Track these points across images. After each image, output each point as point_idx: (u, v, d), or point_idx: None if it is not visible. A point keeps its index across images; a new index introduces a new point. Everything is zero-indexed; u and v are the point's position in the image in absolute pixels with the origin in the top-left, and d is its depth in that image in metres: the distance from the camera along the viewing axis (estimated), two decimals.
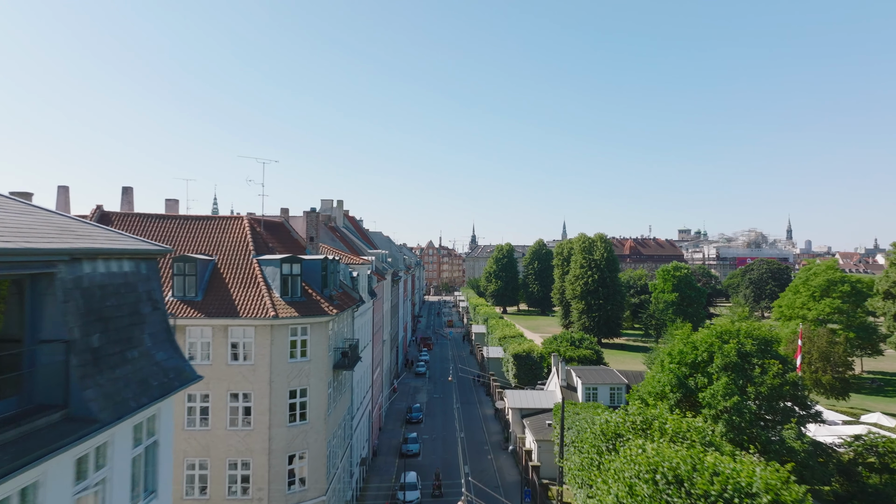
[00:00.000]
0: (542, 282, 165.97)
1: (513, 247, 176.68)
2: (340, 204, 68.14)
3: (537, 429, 45.32)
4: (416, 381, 78.99)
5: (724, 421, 35.16)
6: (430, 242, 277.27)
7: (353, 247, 57.54)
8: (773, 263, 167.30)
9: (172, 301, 26.56)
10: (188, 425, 26.33)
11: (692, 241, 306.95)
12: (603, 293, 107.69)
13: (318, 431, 27.80)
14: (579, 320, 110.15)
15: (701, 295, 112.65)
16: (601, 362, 71.91)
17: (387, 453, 50.68)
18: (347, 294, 34.80)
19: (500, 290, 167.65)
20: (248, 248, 29.58)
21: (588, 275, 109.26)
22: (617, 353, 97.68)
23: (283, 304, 27.03)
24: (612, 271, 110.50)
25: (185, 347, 26.30)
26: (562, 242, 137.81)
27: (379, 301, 53.75)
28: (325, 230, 48.26)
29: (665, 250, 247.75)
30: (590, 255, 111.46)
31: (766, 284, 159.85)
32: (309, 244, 35.47)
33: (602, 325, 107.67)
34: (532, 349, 66.89)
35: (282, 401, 26.62)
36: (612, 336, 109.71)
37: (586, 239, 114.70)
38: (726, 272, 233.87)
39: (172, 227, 30.49)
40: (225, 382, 26.27)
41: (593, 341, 74.17)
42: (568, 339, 74.33)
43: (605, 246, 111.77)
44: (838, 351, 63.83)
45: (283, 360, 26.69)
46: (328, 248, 42.69)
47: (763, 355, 37.01)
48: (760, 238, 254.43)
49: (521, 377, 66.52)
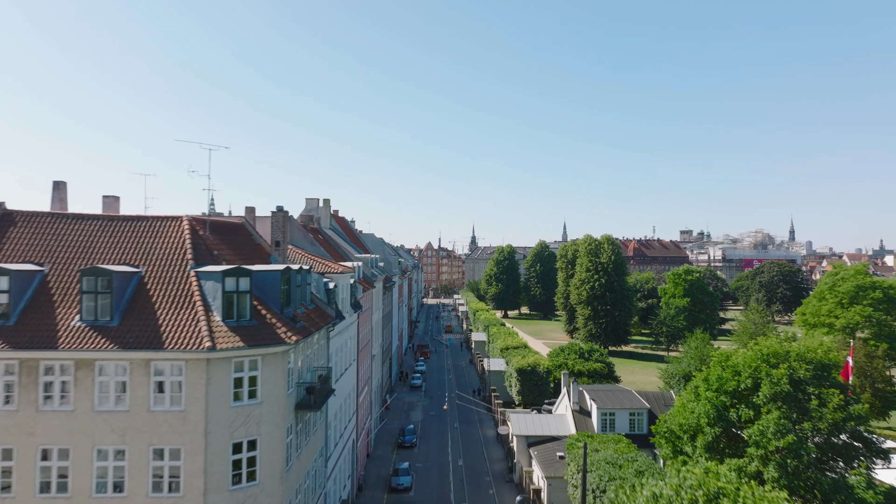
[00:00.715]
0: (545, 285, 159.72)
1: (514, 248, 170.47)
2: (327, 203, 61.97)
3: (547, 462, 39.08)
4: (410, 396, 72.76)
5: (776, 464, 28.88)
6: (429, 244, 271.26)
7: (339, 251, 51.34)
8: (783, 266, 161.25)
9: (79, 327, 20.36)
10: (97, 491, 20.10)
11: (696, 242, 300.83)
12: (610, 298, 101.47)
13: (272, 494, 21.58)
14: (585, 327, 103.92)
15: (714, 300, 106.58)
16: (612, 376, 65.83)
17: (374, 487, 44.42)
18: (320, 311, 28.60)
19: (500, 293, 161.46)
20: (185, 256, 23.32)
21: (594, 279, 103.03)
22: (626, 363, 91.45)
23: (224, 330, 20.81)
24: (620, 275, 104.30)
25: (95, 387, 20.11)
26: (566, 244, 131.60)
27: (366, 313, 47.58)
28: (303, 233, 42.04)
29: (670, 252, 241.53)
30: (596, 258, 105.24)
31: (777, 288, 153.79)
32: (274, 251, 29.28)
33: (609, 332, 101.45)
34: (538, 363, 60.68)
35: (222, 458, 20.39)
36: (620, 343, 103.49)
37: (592, 241, 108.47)
38: (732, 274, 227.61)
39: (91, 229, 24.20)
40: (146, 434, 20.05)
41: (603, 353, 68.05)
42: (576, 350, 68.21)
43: (613, 248, 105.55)
44: (878, 366, 57.67)
45: (225, 405, 20.48)
46: (303, 255, 36.48)
47: (820, 383, 30.80)
48: (767, 239, 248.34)
49: (525, 394, 60.33)
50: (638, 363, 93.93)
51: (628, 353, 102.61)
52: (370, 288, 48.32)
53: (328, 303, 30.73)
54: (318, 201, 61.28)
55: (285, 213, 29.53)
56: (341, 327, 34.04)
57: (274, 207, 29.49)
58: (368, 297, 48.52)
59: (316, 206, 61.33)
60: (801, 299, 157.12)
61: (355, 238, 72.20)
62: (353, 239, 67.42)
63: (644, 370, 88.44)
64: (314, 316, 27.16)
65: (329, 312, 29.77)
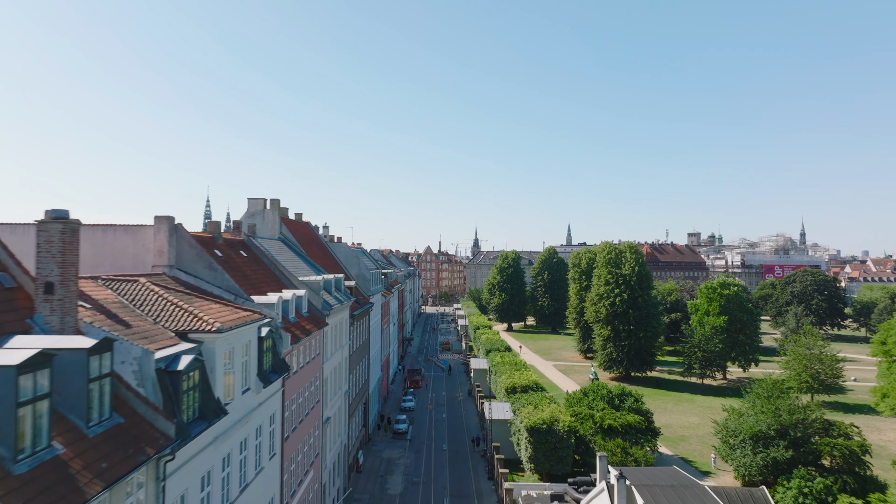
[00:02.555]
0: (554, 295, 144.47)
1: (519, 254, 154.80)
2: (275, 205, 46.93)
3: None
4: (391, 449, 57.46)
5: None
6: (428, 248, 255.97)
7: (277, 273, 36.24)
8: (818, 274, 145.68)
9: None
10: None
11: (710, 246, 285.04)
12: (634, 317, 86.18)
13: None
14: (604, 350, 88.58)
15: (754, 318, 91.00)
16: (651, 429, 50.82)
17: None
18: (140, 427, 13.64)
19: (504, 304, 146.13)
20: None
21: (615, 293, 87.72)
22: (655, 396, 76.17)
23: None
24: (645, 289, 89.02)
25: None
26: (578, 252, 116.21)
27: (309, 368, 32.46)
28: (197, 252, 26.90)
29: (685, 256, 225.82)
30: (617, 269, 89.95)
31: (811, 299, 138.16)
32: (42, 302, 14.24)
33: (633, 356, 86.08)
34: (555, 418, 45.42)
35: None
36: (645, 369, 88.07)
37: (612, 249, 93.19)
38: (752, 281, 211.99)
39: None
40: None
41: (639, 398, 52.94)
42: (603, 395, 53.10)
43: (636, 257, 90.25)
44: None
45: None
46: (175, 291, 21.41)
47: None
48: (789, 243, 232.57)
49: (539, 460, 45.16)
50: (669, 396, 78.59)
51: (653, 380, 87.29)
52: (316, 328, 33.12)
53: (164, 402, 15.51)
54: (263, 202, 46.26)
55: (68, 225, 14.40)
56: (222, 427, 18.92)
57: (41, 214, 14.40)
58: (312, 344, 33.32)
59: (261, 210, 46.33)
60: (838, 312, 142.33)
61: (321, 249, 57.05)
62: (314, 251, 52.29)
63: (678, 406, 73.15)
64: (112, 447, 12.26)
65: (162, 428, 14.63)
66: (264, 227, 45.23)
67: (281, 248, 43.39)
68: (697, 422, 66.32)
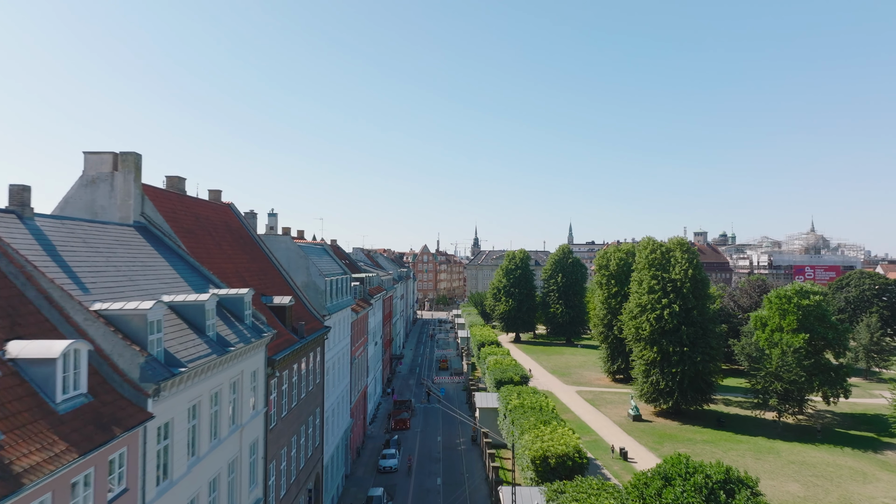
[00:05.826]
0: (569, 301, 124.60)
1: (528, 254, 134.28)
2: (132, 163, 26.61)
3: None
4: None
5: None
6: (425, 247, 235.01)
7: (32, 300, 15.80)
8: (877, 277, 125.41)
9: None
10: None
11: (724, 245, 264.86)
12: (688, 335, 66.02)
13: None
14: (647, 377, 68.28)
15: (842, 336, 70.38)
16: None
17: None
18: None
19: (511, 311, 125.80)
20: None
21: (662, 304, 67.49)
22: (719, 441, 55.95)
23: None
24: (700, 298, 68.90)
25: None
26: (605, 250, 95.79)
27: None
28: None
29: (707, 256, 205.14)
30: (663, 273, 69.77)
31: (870, 305, 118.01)
32: None
33: (687, 385, 65.84)
34: None
35: None
36: (702, 402, 67.87)
37: (656, 246, 72.86)
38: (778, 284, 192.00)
39: None
40: None
41: (754, 485, 32.46)
42: (699, 486, 32.62)
43: (688, 257, 70.05)
44: None
45: None
46: None
47: None
48: (821, 242, 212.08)
49: None
50: (741, 443, 57.85)
51: (712, 416, 67.13)
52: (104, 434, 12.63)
53: None
54: (113, 159, 25.88)
55: None
56: None
57: None
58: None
59: (108, 173, 25.99)
60: None
61: (250, 247, 36.55)
62: (230, 250, 31.79)
63: (761, 463, 51.98)
64: None
65: None
66: (110, 204, 24.89)
67: (130, 241, 23.06)
68: (802, 493, 46.22)
